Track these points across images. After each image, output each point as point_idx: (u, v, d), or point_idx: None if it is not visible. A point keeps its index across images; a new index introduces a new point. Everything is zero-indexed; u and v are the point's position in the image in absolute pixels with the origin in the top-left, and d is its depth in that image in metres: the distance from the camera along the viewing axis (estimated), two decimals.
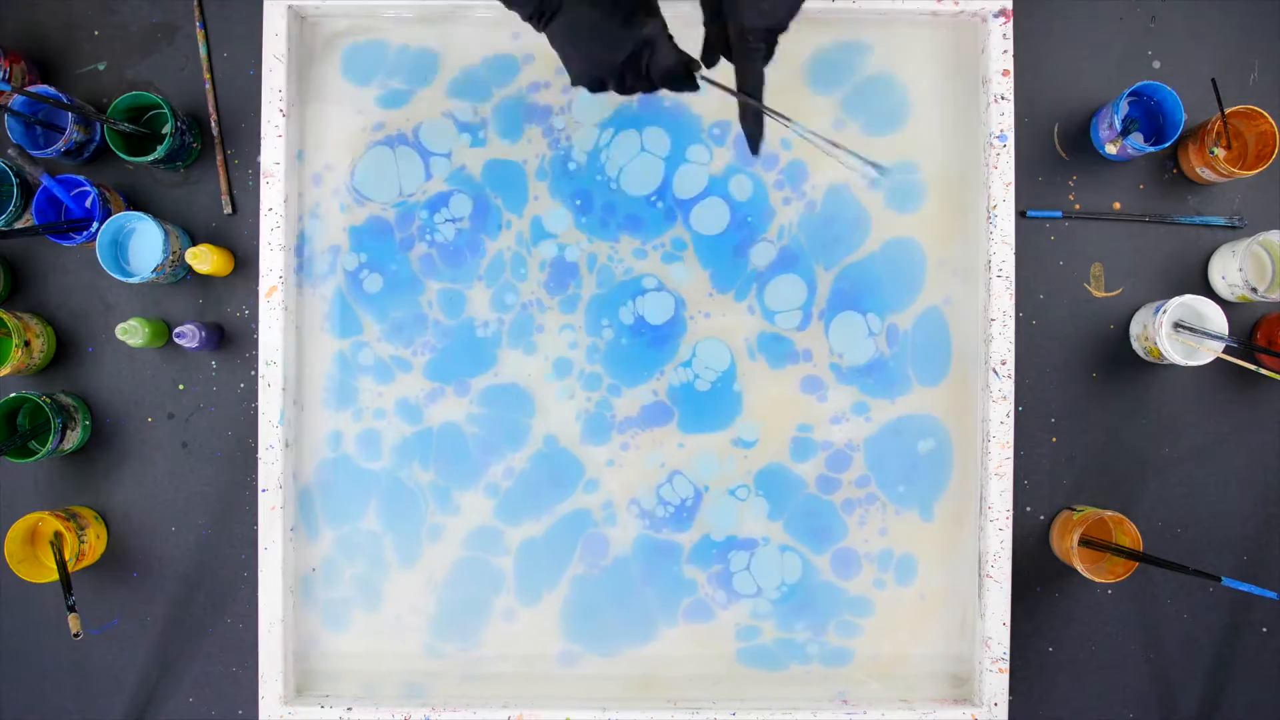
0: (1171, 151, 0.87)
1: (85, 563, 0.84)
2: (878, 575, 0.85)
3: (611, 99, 0.85)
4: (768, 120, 0.65)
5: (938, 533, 0.85)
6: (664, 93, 0.71)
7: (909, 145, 0.85)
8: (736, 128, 0.85)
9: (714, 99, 0.85)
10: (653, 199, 0.86)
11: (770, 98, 0.64)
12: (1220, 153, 0.81)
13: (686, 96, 0.83)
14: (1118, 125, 0.82)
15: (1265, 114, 0.80)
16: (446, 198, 0.86)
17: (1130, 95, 0.82)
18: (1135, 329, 0.85)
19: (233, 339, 0.87)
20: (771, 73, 0.67)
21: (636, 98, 0.85)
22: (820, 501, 0.85)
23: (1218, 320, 0.81)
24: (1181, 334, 0.81)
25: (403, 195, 0.86)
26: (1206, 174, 0.84)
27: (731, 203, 0.86)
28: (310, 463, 0.85)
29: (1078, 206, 0.88)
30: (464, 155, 0.86)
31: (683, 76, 0.64)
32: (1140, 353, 0.86)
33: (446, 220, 0.86)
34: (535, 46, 0.85)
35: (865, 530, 0.85)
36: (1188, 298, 0.81)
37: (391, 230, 0.86)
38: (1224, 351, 0.80)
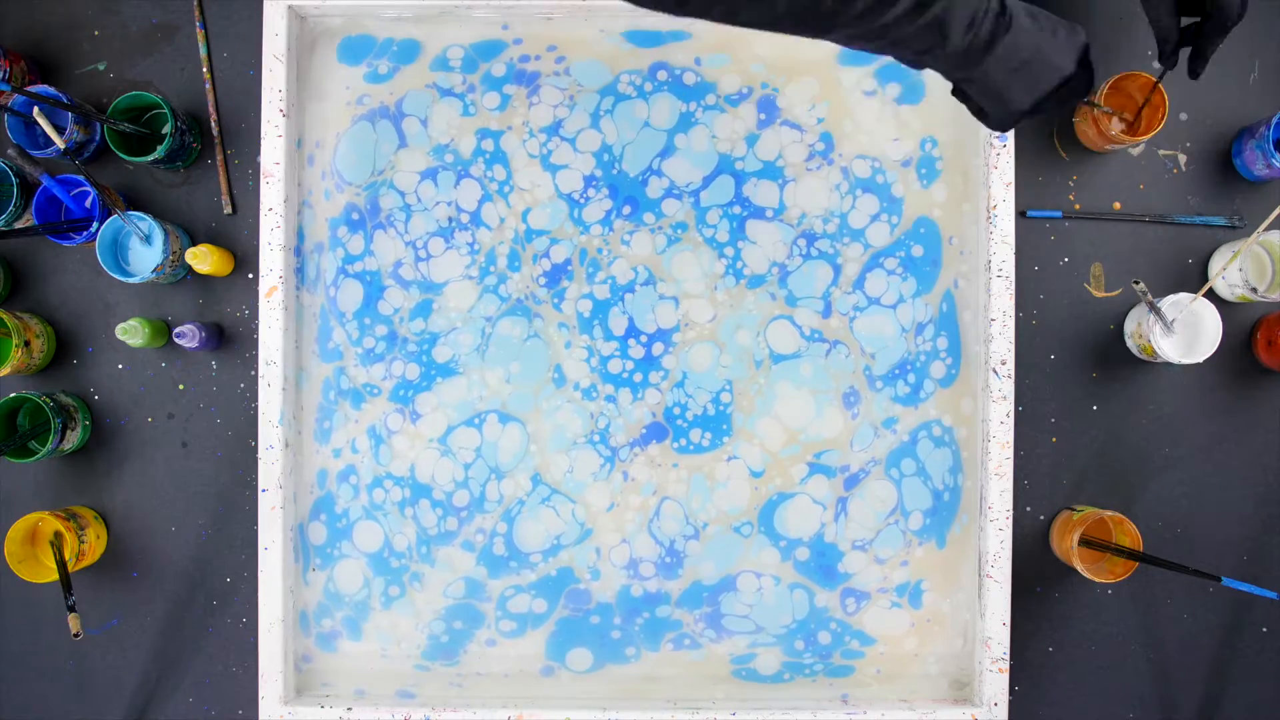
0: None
1: (85, 563, 0.84)
2: (893, 601, 0.85)
3: (614, 68, 0.85)
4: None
5: (948, 556, 0.85)
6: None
7: (930, 116, 0.85)
8: (759, 93, 0.84)
9: (726, 71, 0.85)
10: (647, 177, 0.85)
11: (801, 74, 0.60)
12: (1101, 105, 0.79)
13: (702, 67, 0.84)
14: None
15: (1144, 74, 0.80)
16: (433, 174, 0.85)
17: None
18: (1130, 326, 0.85)
19: (233, 339, 0.87)
20: (804, 54, 0.64)
21: (646, 66, 0.84)
22: (828, 546, 0.85)
23: (1211, 320, 0.80)
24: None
25: (375, 174, 0.85)
26: (1091, 134, 0.83)
27: (744, 178, 0.85)
28: (305, 501, 0.85)
29: (1078, 206, 0.88)
30: (449, 129, 0.85)
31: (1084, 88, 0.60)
32: (1134, 350, 0.85)
33: (426, 208, 0.85)
34: (524, 34, 0.85)
35: (884, 568, 0.85)
36: (1181, 295, 0.80)
37: (364, 220, 0.85)
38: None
